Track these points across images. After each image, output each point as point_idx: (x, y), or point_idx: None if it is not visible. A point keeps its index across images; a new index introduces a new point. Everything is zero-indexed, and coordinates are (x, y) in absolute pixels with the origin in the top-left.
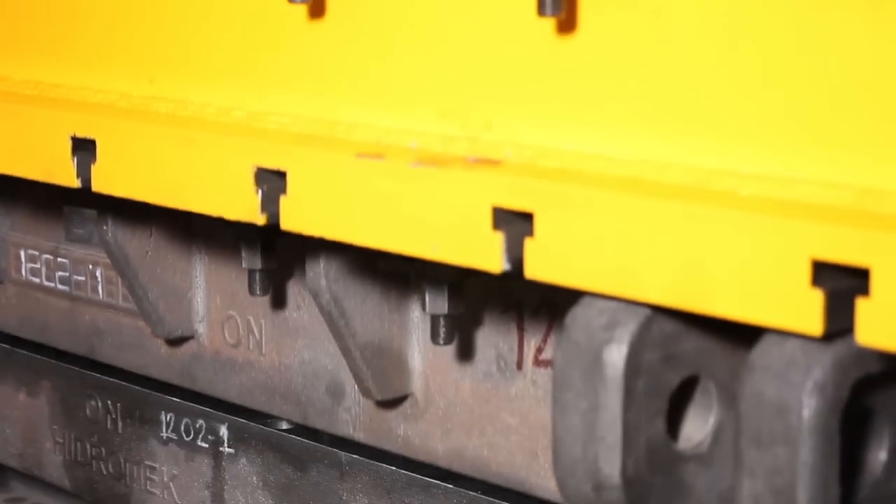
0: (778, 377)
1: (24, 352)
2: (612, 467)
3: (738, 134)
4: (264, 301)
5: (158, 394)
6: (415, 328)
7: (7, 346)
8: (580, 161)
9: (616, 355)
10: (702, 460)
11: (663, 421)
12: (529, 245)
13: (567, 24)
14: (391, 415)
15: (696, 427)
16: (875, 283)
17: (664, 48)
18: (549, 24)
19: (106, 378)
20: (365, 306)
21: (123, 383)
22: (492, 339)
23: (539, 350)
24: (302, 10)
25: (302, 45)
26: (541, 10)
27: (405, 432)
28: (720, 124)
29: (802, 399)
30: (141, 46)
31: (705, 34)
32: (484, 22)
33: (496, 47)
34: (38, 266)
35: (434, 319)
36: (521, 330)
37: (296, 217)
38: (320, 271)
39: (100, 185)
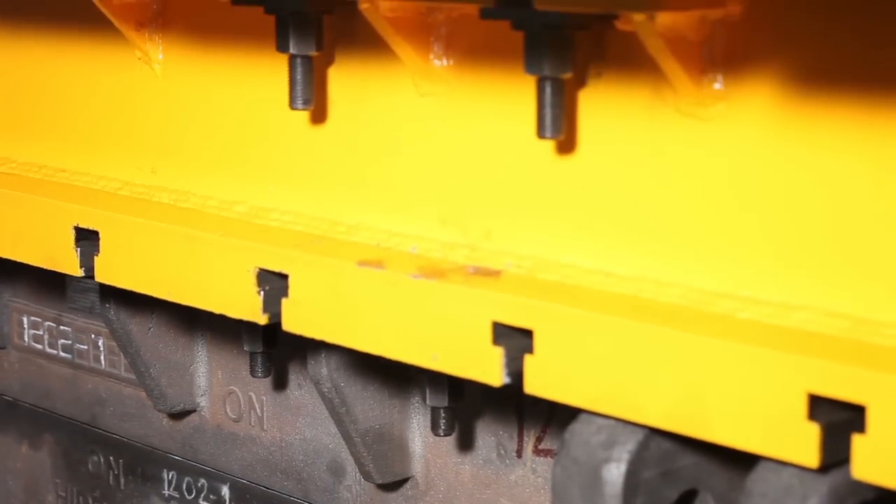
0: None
1: (28, 404)
2: None
3: (737, 257)
4: (266, 379)
5: (161, 451)
6: (415, 412)
7: (10, 399)
8: (579, 275)
9: (615, 473)
10: None
11: None
12: (529, 361)
13: (566, 144)
14: (392, 496)
15: None
16: (871, 419)
17: (663, 171)
18: (549, 143)
19: (108, 434)
20: (366, 393)
21: (125, 439)
22: (492, 427)
23: (539, 439)
24: (304, 115)
25: (304, 147)
26: (540, 133)
27: None
28: (719, 246)
29: None
30: (145, 137)
31: (704, 160)
32: (486, 137)
33: (497, 162)
34: (40, 333)
35: (434, 411)
36: (520, 419)
37: (297, 320)
38: (322, 360)
39: (102, 275)
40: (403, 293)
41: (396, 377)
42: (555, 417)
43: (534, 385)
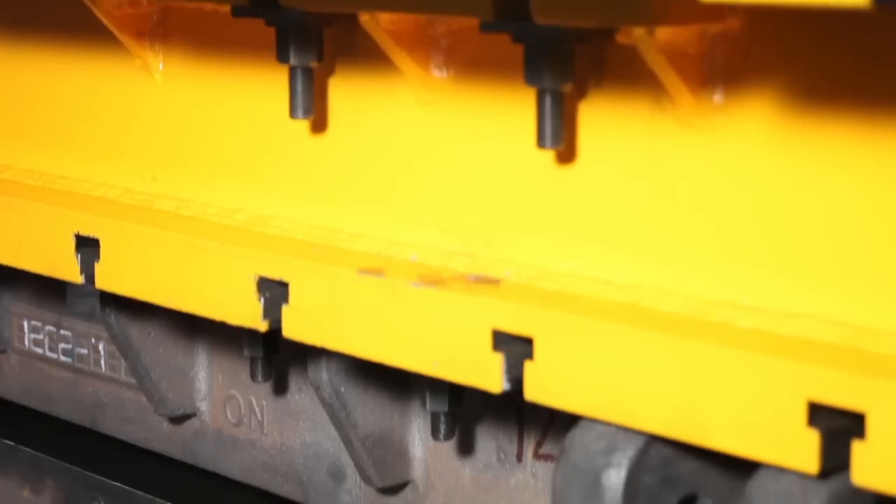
0: None
1: (29, 449)
2: None
3: (737, 266)
4: (266, 384)
5: (161, 500)
6: (415, 416)
7: (11, 443)
8: (578, 284)
9: (615, 479)
10: None
11: None
12: (529, 368)
13: (566, 154)
14: (392, 500)
15: None
16: (871, 426)
17: (662, 181)
18: (549, 153)
19: (110, 482)
20: (366, 398)
21: (127, 487)
22: (492, 431)
23: (539, 444)
24: (304, 124)
25: (305, 156)
26: (540, 143)
27: None
28: (719, 255)
29: None
30: (146, 145)
31: (704, 170)
32: (486, 147)
33: (497, 171)
34: (40, 337)
35: (434, 416)
36: (521, 424)
37: (297, 327)
38: (322, 366)
39: (103, 282)
40: (404, 301)
41: (397, 382)
42: (555, 422)
43: (534, 392)
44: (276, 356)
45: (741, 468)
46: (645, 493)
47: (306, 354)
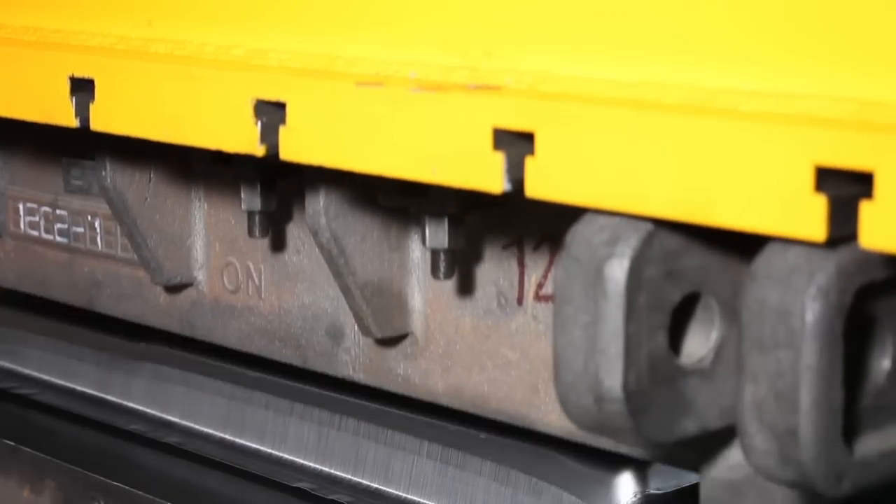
0: (781, 283)
1: (29, 450)
2: (613, 379)
3: (739, 52)
4: (264, 246)
5: (162, 500)
6: (415, 268)
7: (11, 444)
8: (580, 85)
9: (618, 269)
10: (704, 376)
11: (665, 335)
12: (530, 164)
13: None
14: (391, 354)
15: (699, 343)
16: (879, 185)
17: None
18: None
19: (110, 482)
20: (365, 245)
21: (127, 487)
22: (492, 275)
23: (540, 285)
24: None
25: None
26: None
27: (405, 371)
28: (720, 43)
29: (805, 303)
30: None
31: None
32: None
33: None
34: (36, 219)
35: (434, 254)
36: (521, 266)
37: (295, 147)
38: (320, 209)
39: (98, 123)
40: (403, 107)
41: (396, 227)
42: (556, 262)
43: (535, 188)
44: (273, 211)
45: (745, 266)
46: (648, 286)
47: (304, 205)
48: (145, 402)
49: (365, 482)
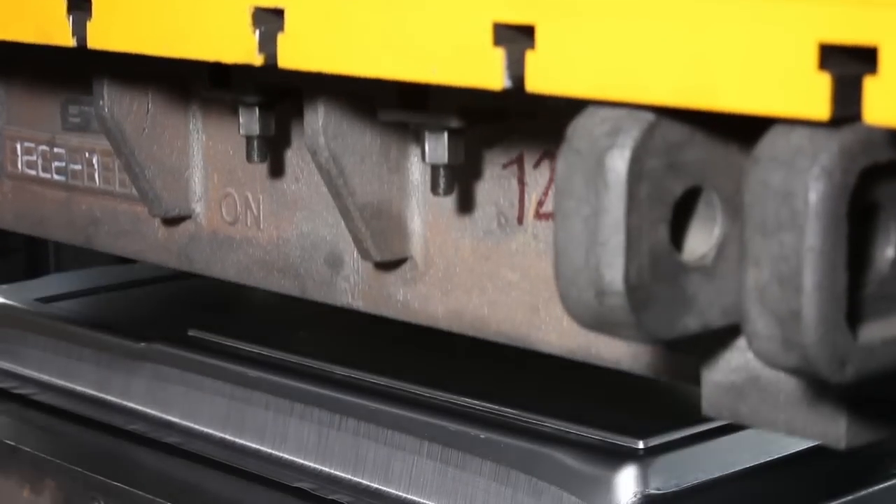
0: (784, 164)
1: (29, 450)
2: (614, 272)
3: None
4: (262, 176)
5: (162, 500)
6: (414, 191)
7: (11, 444)
8: None
9: (619, 160)
10: (706, 272)
11: (667, 229)
12: (531, 58)
13: None
14: (390, 279)
15: (701, 240)
16: (883, 60)
17: None
18: None
19: (110, 482)
20: (364, 166)
21: (127, 487)
22: (492, 195)
23: (540, 203)
24: None
25: None
26: None
27: (404, 297)
28: None
29: (809, 183)
30: None
31: None
32: None
33: None
34: (34, 158)
35: (434, 170)
36: (521, 184)
37: (293, 54)
38: (318, 128)
39: (95, 41)
40: (401, 7)
41: (395, 148)
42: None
43: (536, 82)
44: (271, 136)
45: (748, 157)
46: (649, 177)
47: (303, 130)
48: (145, 402)
49: (365, 482)
